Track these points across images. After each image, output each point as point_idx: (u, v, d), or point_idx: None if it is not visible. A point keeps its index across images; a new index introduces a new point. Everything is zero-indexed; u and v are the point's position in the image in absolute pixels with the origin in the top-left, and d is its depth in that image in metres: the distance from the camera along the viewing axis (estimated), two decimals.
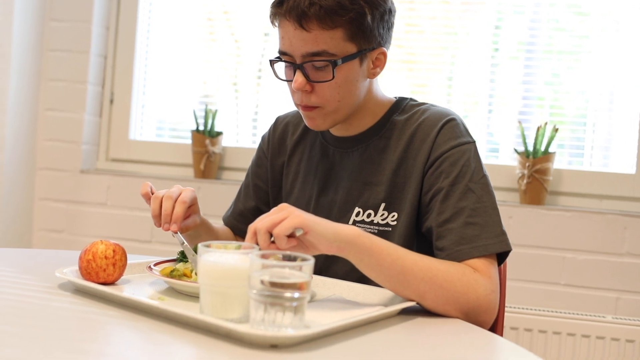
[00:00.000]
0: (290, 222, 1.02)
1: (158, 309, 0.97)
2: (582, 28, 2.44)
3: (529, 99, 2.50)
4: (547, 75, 2.47)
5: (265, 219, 1.03)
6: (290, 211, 1.04)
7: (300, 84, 1.25)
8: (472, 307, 1.13)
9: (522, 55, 2.51)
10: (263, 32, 2.73)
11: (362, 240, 1.09)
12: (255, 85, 2.73)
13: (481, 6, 2.53)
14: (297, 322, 0.89)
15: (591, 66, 2.42)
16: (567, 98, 2.48)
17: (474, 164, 1.27)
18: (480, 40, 2.52)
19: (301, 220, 1.03)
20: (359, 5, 1.23)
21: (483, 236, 1.20)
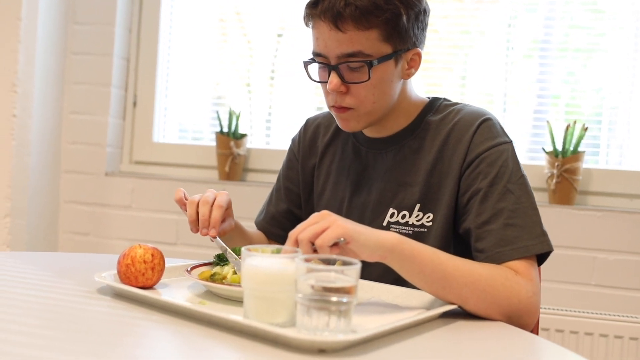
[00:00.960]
0: (333, 232, 1.01)
1: (202, 313, 0.96)
2: (598, 25, 2.41)
3: (544, 97, 2.47)
4: (563, 74, 2.45)
5: (308, 229, 1.02)
6: (332, 220, 1.03)
7: (335, 85, 1.24)
8: (514, 310, 1.12)
9: (536, 54, 2.48)
10: (276, 33, 2.72)
11: (403, 247, 1.08)
12: (269, 89, 2.72)
13: (495, 4, 2.50)
14: (345, 326, 0.87)
15: (607, 64, 2.39)
16: (582, 96, 2.45)
17: (512, 164, 1.25)
18: (494, 39, 2.50)
19: (344, 230, 1.02)
20: (394, 5, 1.22)
21: (523, 237, 1.18)
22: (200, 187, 2.57)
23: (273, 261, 0.94)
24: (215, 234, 1.24)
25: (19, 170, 2.52)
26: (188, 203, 1.28)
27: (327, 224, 1.02)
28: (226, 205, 1.28)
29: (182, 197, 1.30)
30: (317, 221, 1.03)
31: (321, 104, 2.69)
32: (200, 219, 1.25)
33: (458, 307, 1.11)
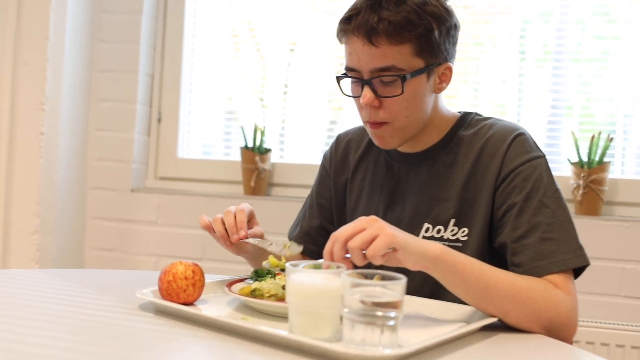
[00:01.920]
0: (383, 242, 1.01)
1: (248, 329, 0.96)
2: (611, 34, 2.41)
3: (558, 107, 2.47)
4: (576, 83, 2.45)
5: (358, 237, 1.02)
6: (381, 227, 1.03)
7: (368, 99, 1.25)
8: (554, 324, 1.12)
9: (549, 64, 2.48)
10: (288, 48, 2.74)
11: (446, 257, 1.08)
12: (282, 101, 2.74)
13: (506, 15, 2.51)
14: (392, 341, 0.88)
15: (620, 72, 2.39)
16: (597, 105, 2.45)
17: (546, 179, 1.26)
18: (506, 49, 2.50)
19: (393, 238, 1.02)
20: (426, 20, 1.23)
21: (560, 251, 1.19)
22: (226, 202, 2.59)
23: (318, 276, 0.95)
24: (244, 234, 1.27)
25: (47, 187, 2.55)
26: (213, 222, 1.31)
27: (377, 232, 1.02)
28: (248, 211, 1.32)
29: (207, 222, 1.32)
30: (364, 227, 1.03)
31: (334, 117, 2.71)
32: (227, 228, 1.28)
33: (497, 320, 1.11)
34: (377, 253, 1.01)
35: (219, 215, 1.32)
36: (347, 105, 2.69)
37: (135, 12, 2.69)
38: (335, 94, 2.69)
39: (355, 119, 2.61)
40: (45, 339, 0.95)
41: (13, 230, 2.55)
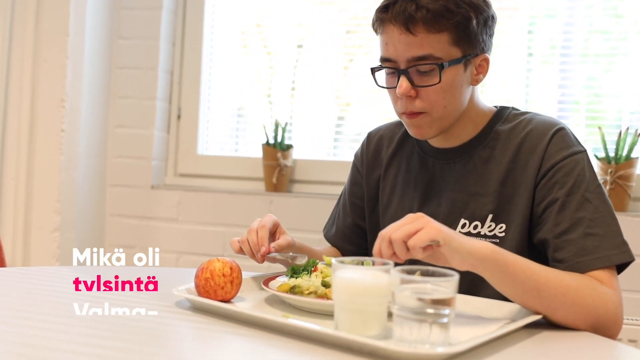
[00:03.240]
0: (427, 234, 1.00)
1: (294, 326, 0.95)
2: (618, 30, 2.38)
3: (565, 102, 2.44)
4: (583, 79, 2.42)
5: (401, 229, 1.01)
6: (426, 222, 1.02)
7: (405, 89, 1.23)
8: (602, 321, 1.11)
9: (556, 60, 2.46)
10: (296, 45, 2.73)
11: (496, 257, 1.06)
12: (290, 100, 2.73)
13: (514, 11, 2.49)
14: (444, 339, 0.86)
15: (628, 68, 2.36)
16: (603, 101, 2.43)
17: (589, 174, 1.23)
18: (514, 46, 2.48)
19: (437, 232, 1.01)
20: (465, 9, 1.22)
21: (604, 247, 1.16)
22: (246, 198, 2.58)
23: (366, 273, 0.93)
24: (266, 250, 1.24)
25: (68, 184, 2.54)
26: (241, 243, 1.29)
27: (421, 225, 1.01)
28: (270, 225, 1.29)
29: (238, 246, 1.30)
30: (410, 222, 1.02)
31: (343, 113, 2.69)
32: (251, 247, 1.27)
33: (543, 317, 1.09)
34: (418, 244, 0.99)
35: (245, 234, 1.30)
36: (355, 101, 2.67)
37: (155, 8, 2.67)
38: (343, 90, 2.68)
39: (363, 115, 2.62)
40: (76, 336, 0.93)
41: (34, 227, 2.55)
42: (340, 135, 2.69)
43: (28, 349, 0.87)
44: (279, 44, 2.75)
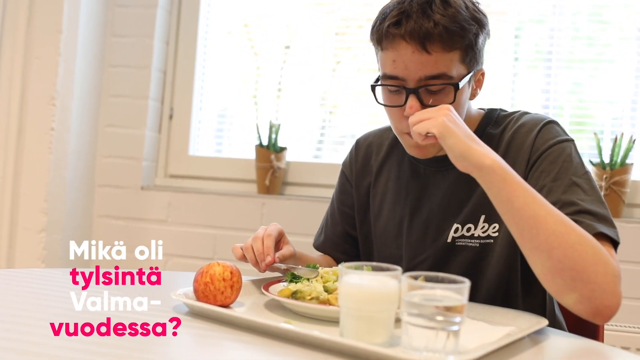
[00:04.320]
0: (428, 124, 1.10)
1: (297, 333, 0.92)
2: (603, 36, 2.40)
3: (550, 107, 2.45)
4: (568, 84, 2.44)
5: (417, 114, 1.13)
6: (439, 112, 1.10)
7: (415, 109, 1.17)
8: (599, 284, 1.01)
9: (542, 64, 2.47)
10: (284, 45, 2.71)
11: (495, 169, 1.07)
12: (275, 101, 2.70)
13: (501, 16, 2.49)
14: (454, 347, 0.84)
15: (613, 75, 2.38)
16: (588, 107, 2.44)
17: (576, 160, 1.20)
18: (500, 50, 2.49)
19: (437, 125, 1.09)
20: (475, 26, 1.20)
21: (597, 224, 1.10)
22: (238, 200, 2.55)
23: (373, 279, 0.90)
24: (271, 259, 1.21)
25: (56, 184, 2.50)
26: (245, 250, 1.26)
27: (432, 115, 1.11)
28: (276, 234, 1.25)
29: (241, 252, 1.26)
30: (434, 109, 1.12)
31: (329, 115, 2.67)
32: (256, 255, 1.23)
33: (547, 325, 1.07)
34: (417, 130, 1.10)
35: (249, 241, 1.26)
36: (341, 103, 2.66)
37: (150, 6, 2.64)
38: (330, 92, 2.65)
39: (348, 118, 2.61)
40: (69, 342, 0.90)
41: (19, 228, 2.50)
42: (325, 137, 2.66)
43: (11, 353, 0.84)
44: (267, 44, 2.73)
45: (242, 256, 1.26)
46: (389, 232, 1.38)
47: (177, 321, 0.96)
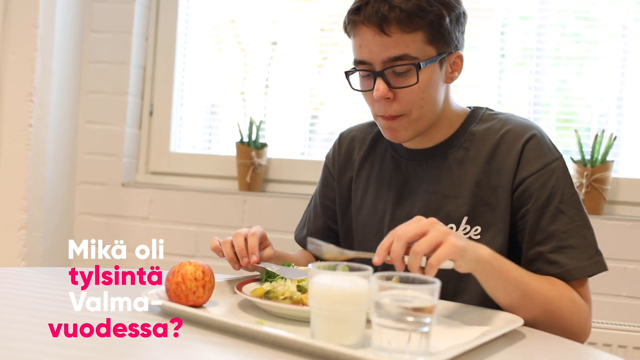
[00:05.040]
0: (448, 251, 0.97)
1: (269, 334, 0.91)
2: (589, 34, 2.41)
3: (538, 104, 2.45)
4: (555, 82, 2.44)
5: (423, 242, 0.97)
6: (445, 233, 0.98)
7: (382, 91, 1.21)
8: (574, 331, 1.15)
9: (529, 62, 2.47)
10: (270, 42, 2.69)
11: (495, 262, 1.07)
12: (263, 98, 2.69)
13: (487, 13, 2.49)
14: (424, 348, 0.83)
15: (599, 74, 2.38)
16: (574, 104, 2.44)
17: (563, 183, 1.23)
18: (486, 50, 2.49)
19: (456, 250, 0.97)
20: (437, 7, 1.21)
21: (577, 259, 1.18)
22: (220, 197, 2.53)
23: (344, 279, 0.89)
24: (257, 259, 1.20)
25: (35, 181, 2.47)
26: (222, 243, 1.24)
27: (441, 238, 0.97)
28: (260, 234, 1.25)
29: (217, 244, 1.26)
30: (427, 229, 0.98)
31: (316, 112, 2.66)
32: (237, 250, 1.22)
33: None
34: (441, 261, 0.96)
35: (229, 237, 1.25)
36: (329, 100, 2.64)
37: (128, 1, 2.61)
38: (317, 88, 2.64)
39: (336, 114, 2.60)
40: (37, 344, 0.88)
41: None
42: (314, 134, 2.65)
43: None
44: (253, 40, 2.71)
45: (217, 248, 1.25)
46: (370, 226, 1.38)
47: (179, 322, 0.95)
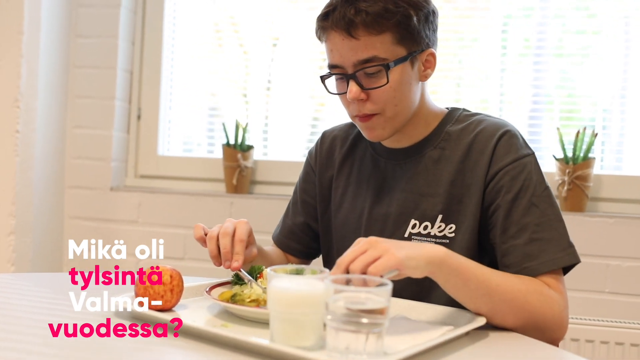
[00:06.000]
0: (386, 263, 0.97)
1: (227, 337, 0.93)
2: (591, 29, 2.41)
3: (539, 103, 2.45)
4: (557, 78, 2.44)
5: (360, 259, 0.98)
6: (385, 249, 0.99)
7: (355, 93, 1.23)
8: (548, 325, 1.13)
9: (530, 59, 2.47)
10: (271, 41, 2.70)
11: (450, 261, 1.06)
12: (265, 98, 2.70)
13: (488, 11, 2.49)
14: (377, 348, 0.85)
15: (602, 66, 2.38)
16: (578, 101, 2.45)
17: (535, 177, 1.24)
18: (488, 43, 2.49)
19: (397, 260, 0.98)
20: (403, 8, 1.22)
21: (550, 251, 1.19)
22: (207, 200, 2.54)
23: (301, 282, 0.91)
24: (239, 266, 1.20)
25: (23, 186, 2.49)
26: (207, 238, 1.25)
27: (379, 253, 0.99)
28: (246, 237, 1.25)
29: (202, 235, 1.26)
30: (366, 249, 1.00)
31: (317, 114, 2.67)
32: (222, 252, 1.22)
33: (485, 323, 1.08)
34: (379, 273, 0.96)
35: (215, 229, 1.25)
36: (330, 101, 2.65)
37: (113, 6, 2.62)
38: (318, 89, 2.65)
39: (338, 114, 2.61)
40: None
41: None
42: (315, 135, 2.65)
43: None
44: (253, 41, 2.71)
45: (202, 239, 1.26)
46: (348, 225, 1.40)
47: (179, 322, 0.96)
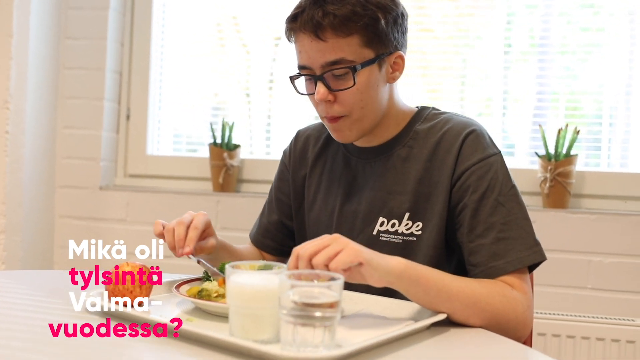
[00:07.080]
0: (347, 256, 1.00)
1: (187, 331, 0.95)
2: (595, 25, 2.42)
3: (544, 101, 2.47)
4: (561, 73, 2.45)
5: (322, 253, 1.00)
6: (345, 243, 1.02)
7: (322, 94, 1.25)
8: (511, 325, 1.15)
9: (534, 56, 2.48)
10: (273, 40, 2.72)
11: (410, 272, 1.08)
12: (268, 97, 2.72)
13: (491, 8, 2.51)
14: (329, 341, 0.87)
15: (606, 62, 2.39)
16: (582, 96, 2.46)
17: (502, 176, 1.26)
18: (492, 41, 2.50)
19: (357, 254, 1.01)
20: (371, 10, 1.23)
21: (516, 249, 1.20)
22: (195, 198, 2.57)
23: (257, 277, 0.94)
24: (189, 250, 1.23)
25: (14, 186, 2.52)
26: (165, 230, 1.28)
27: (340, 247, 1.01)
28: (203, 226, 1.28)
29: (161, 230, 1.29)
30: (328, 243, 1.02)
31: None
32: (175, 240, 1.25)
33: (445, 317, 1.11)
34: (340, 266, 0.99)
35: (173, 222, 1.28)
36: None
37: (102, 8, 2.66)
38: None
39: None
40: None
41: None
42: None
43: None
44: (255, 40, 2.73)
45: (161, 234, 1.29)
46: (321, 222, 1.42)
47: (179, 322, 0.98)
